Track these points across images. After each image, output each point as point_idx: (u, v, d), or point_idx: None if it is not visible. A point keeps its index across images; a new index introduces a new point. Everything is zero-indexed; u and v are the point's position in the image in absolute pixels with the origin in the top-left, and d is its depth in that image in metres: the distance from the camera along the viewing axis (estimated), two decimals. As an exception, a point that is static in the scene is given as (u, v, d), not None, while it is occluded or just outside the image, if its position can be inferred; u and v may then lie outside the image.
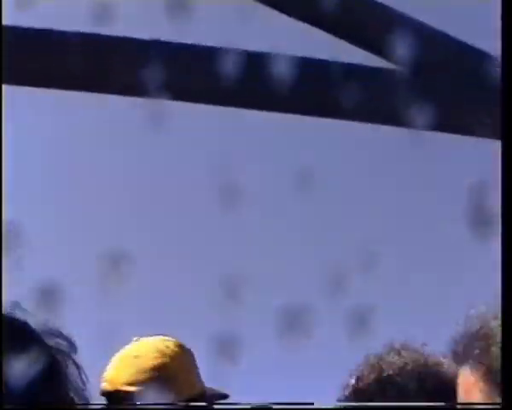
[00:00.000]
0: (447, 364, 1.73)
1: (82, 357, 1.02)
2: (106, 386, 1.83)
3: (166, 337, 1.89)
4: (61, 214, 3.70)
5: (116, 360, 1.86)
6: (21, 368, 0.91)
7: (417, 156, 3.79)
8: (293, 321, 2.06)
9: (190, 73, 2.42)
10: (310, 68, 2.37)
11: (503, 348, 1.18)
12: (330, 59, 2.34)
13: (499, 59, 1.40)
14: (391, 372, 1.75)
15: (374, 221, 3.59)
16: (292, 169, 3.24)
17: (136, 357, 1.83)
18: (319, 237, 3.62)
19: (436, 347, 1.91)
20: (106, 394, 1.83)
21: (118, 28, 2.96)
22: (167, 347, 1.86)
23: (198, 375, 1.89)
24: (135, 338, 1.89)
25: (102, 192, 3.77)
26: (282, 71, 2.18)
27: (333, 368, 2.76)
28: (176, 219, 3.76)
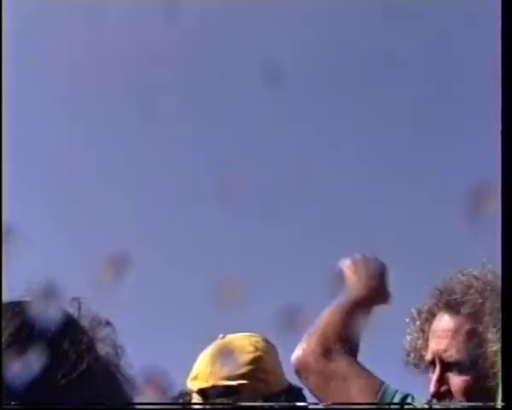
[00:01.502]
0: None
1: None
2: (200, 383, 1.78)
3: (250, 333, 1.88)
4: (59, 214, 3.70)
5: (208, 356, 1.82)
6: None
7: (417, 156, 3.79)
8: (293, 321, 2.06)
9: None
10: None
11: (503, 349, 1.18)
12: None
13: (499, 59, 1.40)
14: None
15: (374, 221, 3.58)
16: (291, 167, 3.24)
17: (231, 352, 1.80)
18: (319, 237, 3.61)
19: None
20: (201, 391, 1.77)
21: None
22: (257, 341, 1.85)
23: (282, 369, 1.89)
24: (221, 335, 1.86)
25: (101, 192, 3.76)
26: None
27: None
28: (175, 219, 3.76)
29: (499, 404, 1.11)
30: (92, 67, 3.75)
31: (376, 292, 2.04)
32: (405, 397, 1.85)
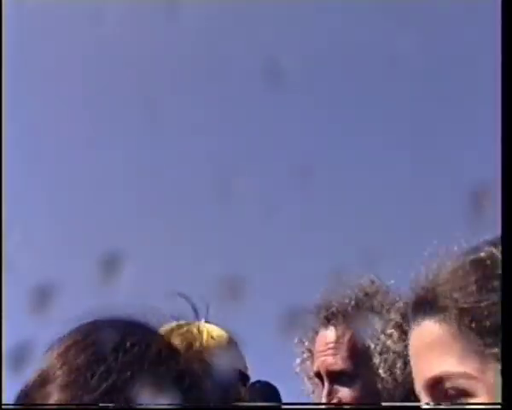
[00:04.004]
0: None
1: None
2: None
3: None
4: (58, 213, 3.70)
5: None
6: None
7: (418, 156, 3.79)
8: (293, 321, 2.06)
9: None
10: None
11: (503, 348, 1.17)
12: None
13: (499, 59, 1.40)
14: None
15: (374, 221, 3.58)
16: (291, 166, 3.23)
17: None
18: (319, 236, 3.61)
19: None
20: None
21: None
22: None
23: None
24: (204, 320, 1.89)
25: (102, 191, 3.76)
26: None
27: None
28: (174, 218, 3.76)
29: (499, 404, 1.10)
30: (92, 67, 3.75)
31: None
32: None
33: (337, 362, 1.87)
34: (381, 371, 1.81)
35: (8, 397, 0.94)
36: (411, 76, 3.57)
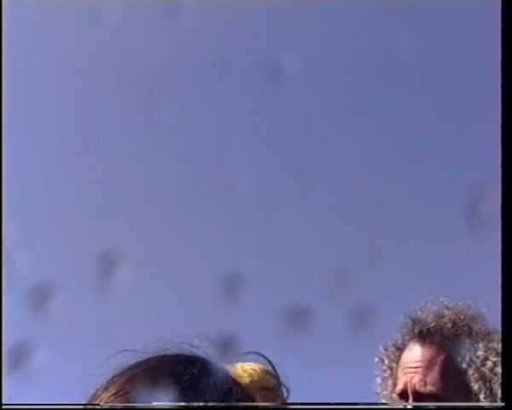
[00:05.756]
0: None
1: (80, 355, 1.01)
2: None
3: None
4: (58, 213, 3.70)
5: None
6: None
7: (417, 156, 3.79)
8: (294, 321, 2.06)
9: None
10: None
11: (503, 348, 1.17)
12: None
13: (499, 59, 1.40)
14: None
15: (374, 221, 3.58)
16: (291, 166, 3.24)
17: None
18: (319, 236, 3.61)
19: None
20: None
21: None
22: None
23: None
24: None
25: (102, 191, 3.77)
26: None
27: (332, 368, 2.76)
28: (175, 217, 3.76)
29: (499, 404, 1.10)
30: (92, 67, 3.76)
31: None
32: None
33: (427, 383, 1.75)
34: (481, 396, 1.71)
35: (8, 396, 0.94)
36: (411, 76, 3.58)
